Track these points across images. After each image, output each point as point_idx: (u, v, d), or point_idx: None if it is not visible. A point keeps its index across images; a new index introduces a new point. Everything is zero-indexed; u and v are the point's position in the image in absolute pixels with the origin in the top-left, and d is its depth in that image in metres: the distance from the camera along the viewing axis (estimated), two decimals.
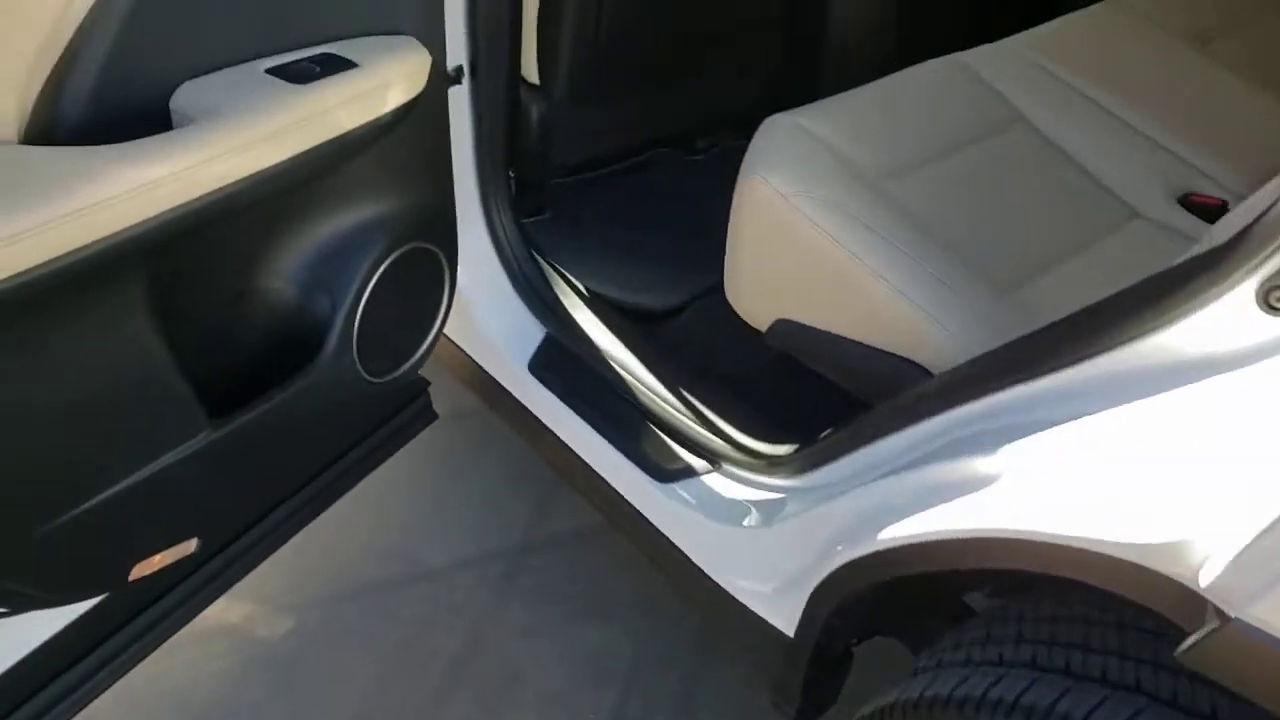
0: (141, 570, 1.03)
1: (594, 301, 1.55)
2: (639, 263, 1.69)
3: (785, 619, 1.20)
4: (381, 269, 1.17)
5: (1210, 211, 1.36)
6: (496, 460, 2.01)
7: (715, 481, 1.31)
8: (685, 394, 1.39)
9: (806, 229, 1.21)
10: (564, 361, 1.50)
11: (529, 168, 1.68)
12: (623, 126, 1.80)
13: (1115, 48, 1.66)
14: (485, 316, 1.55)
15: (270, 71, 0.95)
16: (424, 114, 1.13)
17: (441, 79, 1.17)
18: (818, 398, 1.33)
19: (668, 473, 1.34)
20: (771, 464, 1.26)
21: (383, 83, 1.02)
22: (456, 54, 1.34)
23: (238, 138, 0.88)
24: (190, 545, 1.08)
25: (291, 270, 1.12)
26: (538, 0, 1.49)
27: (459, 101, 1.38)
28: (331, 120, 0.97)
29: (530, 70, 1.59)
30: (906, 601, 1.22)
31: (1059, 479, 0.82)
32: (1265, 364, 0.71)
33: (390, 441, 1.49)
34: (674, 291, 1.64)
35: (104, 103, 0.85)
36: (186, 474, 1.01)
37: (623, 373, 1.44)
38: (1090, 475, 0.80)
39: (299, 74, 0.96)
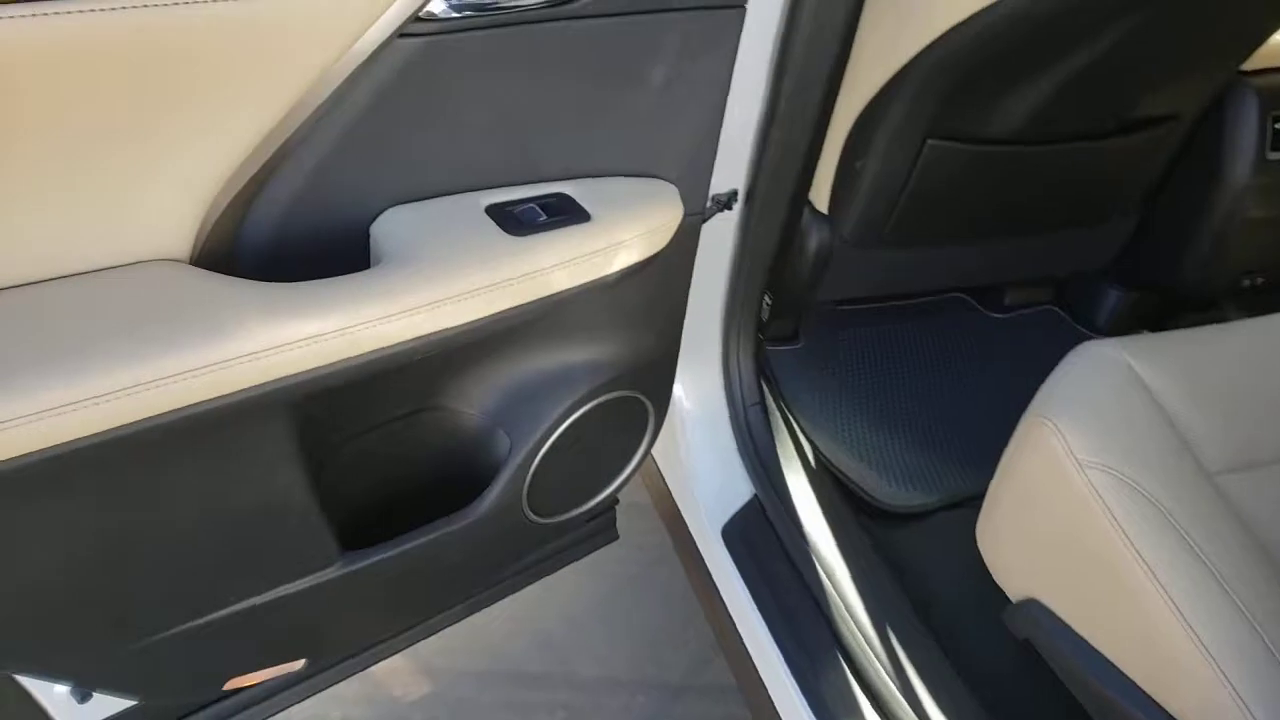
0: (237, 683, 0.96)
1: (819, 474, 1.33)
2: (890, 434, 1.45)
3: None
4: (574, 417, 1.03)
5: None
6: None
7: None
8: (890, 635, 1.14)
9: (1097, 514, 0.92)
10: (763, 539, 1.29)
11: (791, 295, 1.48)
12: (916, 269, 1.55)
13: None
14: (692, 452, 1.38)
15: (490, 210, 0.83)
16: (662, 265, 0.97)
17: (693, 228, 1.00)
18: (1057, 704, 1.04)
19: None
20: None
21: (616, 242, 0.87)
22: (733, 178, 1.18)
23: (434, 291, 0.76)
24: (297, 664, 1.00)
25: (476, 396, 1.01)
26: (846, 132, 1.28)
27: (724, 222, 1.21)
28: (545, 280, 0.83)
29: (820, 196, 1.38)
30: None
31: None
32: None
33: (556, 559, 1.36)
34: (922, 486, 1.38)
35: (297, 219, 0.76)
36: (308, 603, 0.93)
37: (825, 579, 1.21)
38: None
39: (520, 220, 0.83)
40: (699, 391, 1.36)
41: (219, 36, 0.62)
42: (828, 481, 1.34)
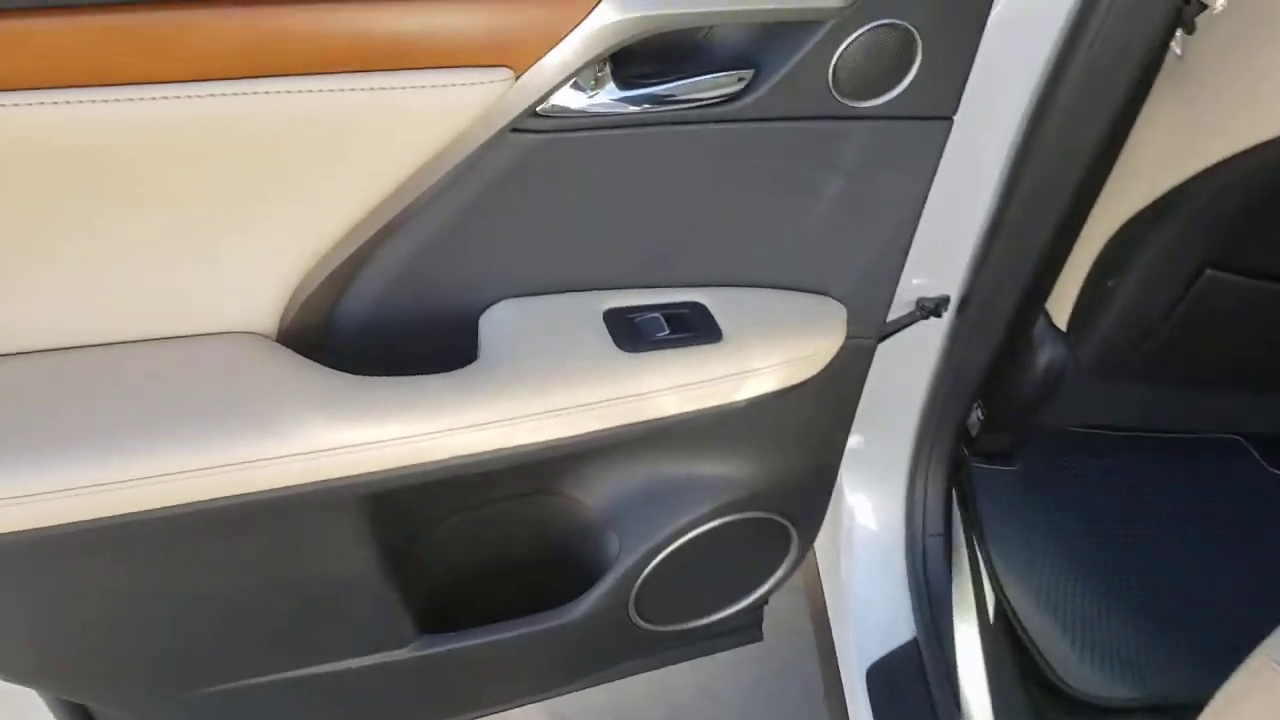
0: None
1: (996, 630, 1.14)
2: (1103, 599, 1.21)
3: None
4: (694, 534, 0.93)
5: None
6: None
7: None
8: None
9: None
10: (911, 693, 1.12)
11: (1010, 410, 1.28)
12: (1170, 407, 1.29)
13: None
14: (854, 576, 1.22)
15: (608, 316, 0.74)
16: (817, 389, 0.84)
17: (863, 350, 0.86)
18: None
19: None
20: None
21: (746, 369, 0.75)
22: (945, 283, 1.02)
23: (522, 404, 0.69)
24: None
25: (596, 487, 0.93)
26: (1099, 246, 1.07)
27: (929, 329, 1.06)
28: (654, 403, 0.74)
29: (1059, 310, 1.17)
30: None
31: None
32: None
33: (689, 649, 1.27)
34: (1126, 675, 1.14)
35: (399, 301, 0.71)
36: (380, 678, 0.90)
37: None
38: None
39: (639, 332, 0.73)
40: (873, 509, 1.20)
41: (319, 121, 0.58)
42: (1005, 641, 1.14)
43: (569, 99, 0.63)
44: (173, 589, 0.71)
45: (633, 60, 0.65)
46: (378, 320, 0.71)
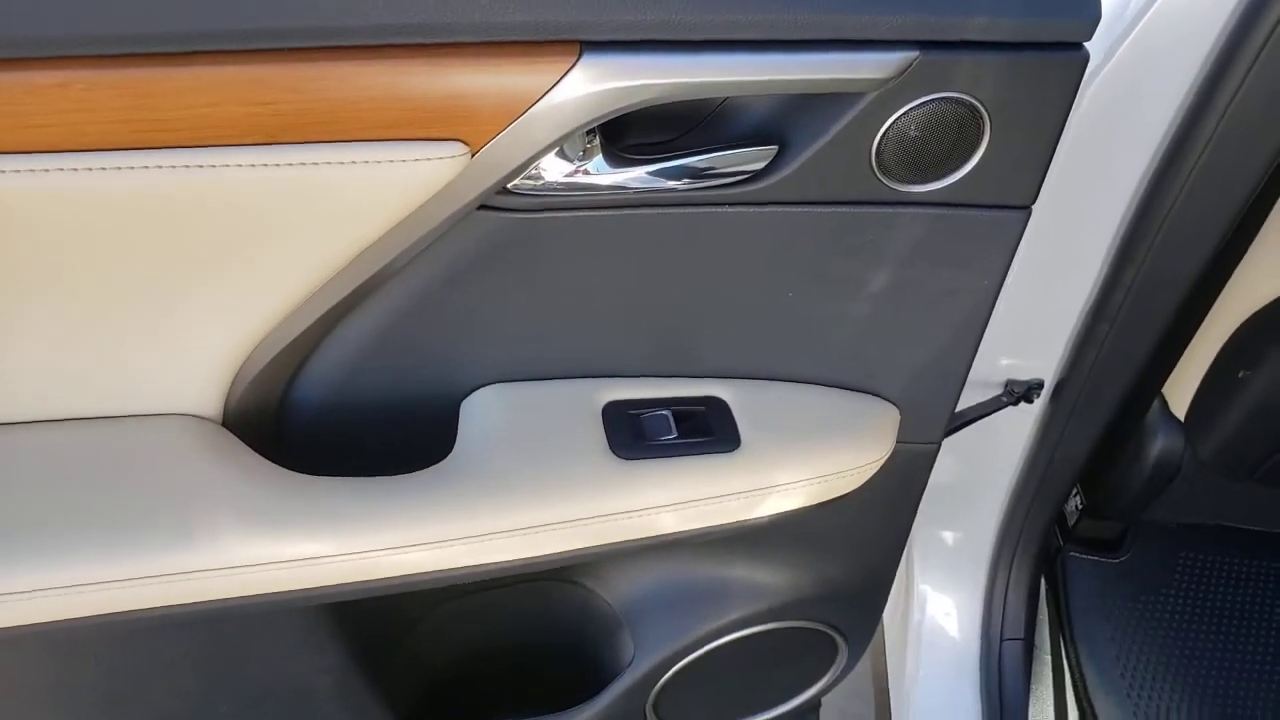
0: None
1: None
2: None
3: None
4: (720, 642, 0.82)
5: None
6: None
7: None
8: None
9: None
10: None
11: (1114, 501, 1.12)
12: None
13: None
14: (918, 684, 1.09)
15: (607, 410, 0.64)
16: (862, 500, 0.72)
17: (922, 457, 0.74)
18: None
19: None
20: None
21: (766, 485, 0.64)
22: (1037, 366, 0.88)
23: (508, 518, 0.60)
24: None
25: (611, 579, 0.84)
26: (1228, 332, 0.91)
27: (1019, 413, 0.92)
28: (650, 521, 0.63)
29: (1177, 398, 1.01)
30: None
31: None
32: None
33: None
34: None
35: (364, 382, 0.63)
36: None
37: None
38: None
39: (641, 432, 0.63)
40: (946, 605, 1.07)
41: (266, 191, 0.50)
42: None
43: (551, 168, 0.54)
44: (106, 698, 0.66)
45: (631, 127, 0.55)
46: (339, 404, 0.63)
